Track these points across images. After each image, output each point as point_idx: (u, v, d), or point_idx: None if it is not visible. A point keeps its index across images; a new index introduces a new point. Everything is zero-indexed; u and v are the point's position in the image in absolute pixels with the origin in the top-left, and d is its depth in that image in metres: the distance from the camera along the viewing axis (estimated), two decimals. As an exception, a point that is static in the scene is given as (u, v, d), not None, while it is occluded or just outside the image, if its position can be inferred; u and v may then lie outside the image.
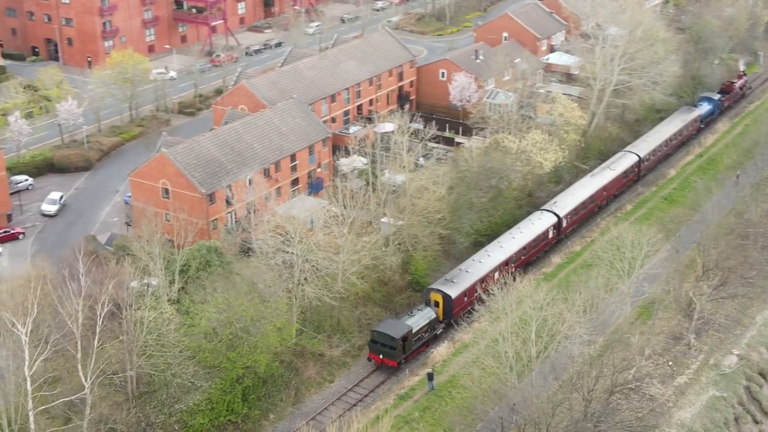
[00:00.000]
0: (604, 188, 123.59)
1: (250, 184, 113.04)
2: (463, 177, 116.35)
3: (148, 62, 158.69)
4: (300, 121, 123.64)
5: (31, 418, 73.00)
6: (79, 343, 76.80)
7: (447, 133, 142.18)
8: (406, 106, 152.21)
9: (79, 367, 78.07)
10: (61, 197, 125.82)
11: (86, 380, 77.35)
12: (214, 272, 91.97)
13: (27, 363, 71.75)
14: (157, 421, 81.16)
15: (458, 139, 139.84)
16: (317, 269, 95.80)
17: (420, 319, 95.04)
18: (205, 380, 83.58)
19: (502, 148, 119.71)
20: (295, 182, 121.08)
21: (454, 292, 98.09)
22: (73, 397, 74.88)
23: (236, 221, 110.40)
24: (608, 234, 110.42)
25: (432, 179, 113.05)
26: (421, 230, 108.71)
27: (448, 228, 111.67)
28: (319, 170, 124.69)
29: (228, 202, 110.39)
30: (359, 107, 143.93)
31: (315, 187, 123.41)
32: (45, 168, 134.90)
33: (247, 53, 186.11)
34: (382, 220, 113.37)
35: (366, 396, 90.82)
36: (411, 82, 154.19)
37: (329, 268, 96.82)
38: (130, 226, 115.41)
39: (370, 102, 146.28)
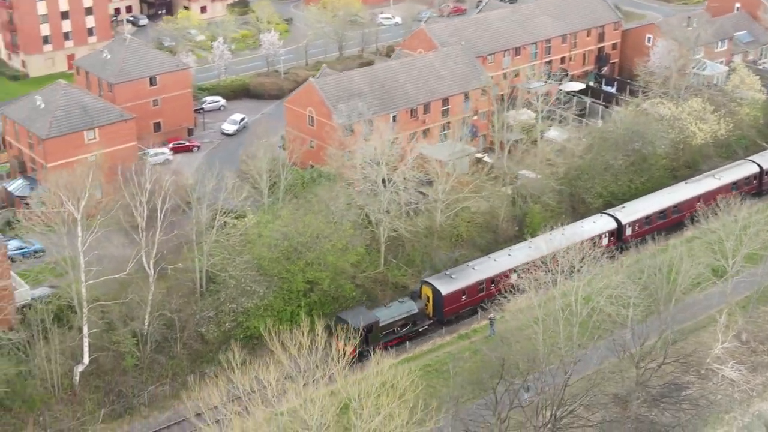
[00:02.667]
0: (699, 198, 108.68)
1: (394, 121, 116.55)
2: (605, 138, 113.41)
3: (359, 4, 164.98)
4: (463, 67, 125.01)
5: (84, 289, 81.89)
6: (143, 232, 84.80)
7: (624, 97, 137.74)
8: (605, 69, 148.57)
9: (143, 254, 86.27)
10: (242, 119, 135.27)
11: (149, 268, 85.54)
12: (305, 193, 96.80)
13: (80, 239, 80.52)
14: (217, 316, 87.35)
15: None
16: (410, 203, 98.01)
17: (395, 311, 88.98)
18: (265, 287, 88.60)
19: (653, 113, 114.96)
20: (446, 127, 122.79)
21: (446, 289, 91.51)
22: (119, 275, 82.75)
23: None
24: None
25: (577, 137, 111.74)
26: (545, 184, 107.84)
27: (577, 186, 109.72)
28: (475, 118, 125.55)
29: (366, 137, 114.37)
30: (548, 63, 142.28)
31: (468, 133, 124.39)
32: (241, 92, 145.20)
33: (477, 6, 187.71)
34: (521, 172, 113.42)
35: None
36: (614, 44, 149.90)
37: (427, 203, 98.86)
38: (283, 149, 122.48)
39: (562, 60, 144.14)
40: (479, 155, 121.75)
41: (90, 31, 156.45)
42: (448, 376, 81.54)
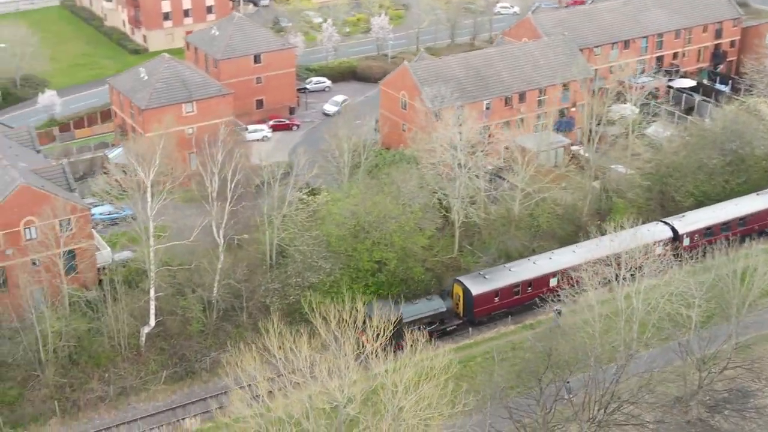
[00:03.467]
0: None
1: (487, 108, 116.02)
2: (702, 135, 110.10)
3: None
4: (563, 58, 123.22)
5: (151, 253, 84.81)
6: (213, 202, 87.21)
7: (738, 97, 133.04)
8: (721, 66, 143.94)
9: (213, 224, 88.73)
10: (344, 101, 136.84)
11: (219, 237, 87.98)
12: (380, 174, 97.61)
13: (149, 205, 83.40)
14: (282, 289, 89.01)
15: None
16: (486, 190, 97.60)
17: (421, 308, 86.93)
18: (331, 264, 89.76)
19: (754, 113, 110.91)
20: (542, 117, 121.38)
21: (477, 289, 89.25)
22: (185, 242, 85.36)
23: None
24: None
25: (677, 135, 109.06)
26: (632, 180, 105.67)
27: (668, 184, 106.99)
28: (573, 109, 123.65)
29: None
30: (659, 58, 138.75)
31: (564, 125, 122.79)
32: (348, 75, 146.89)
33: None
34: (613, 166, 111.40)
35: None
36: (732, 41, 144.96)
37: (504, 191, 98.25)
38: (377, 132, 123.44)
39: (674, 55, 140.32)
40: (575, 147, 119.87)
41: (209, 9, 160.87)
42: (504, 364, 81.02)
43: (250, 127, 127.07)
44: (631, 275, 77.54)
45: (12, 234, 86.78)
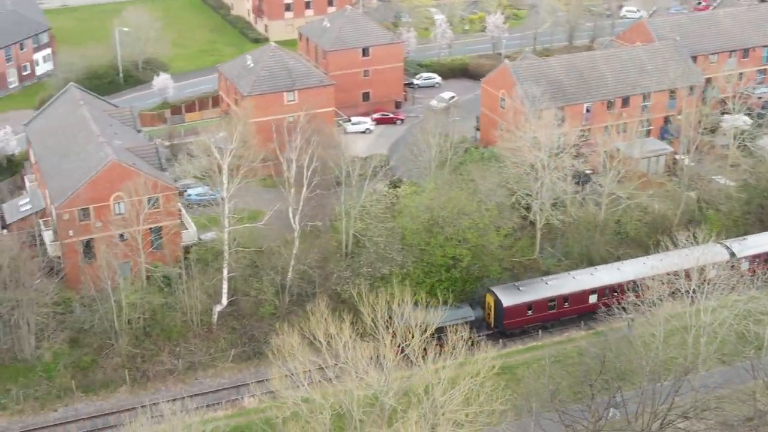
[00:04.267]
0: None
1: (587, 111, 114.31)
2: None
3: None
4: (672, 63, 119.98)
5: (226, 235, 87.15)
6: (290, 189, 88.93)
7: None
8: None
9: (290, 210, 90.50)
10: (452, 97, 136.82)
11: (294, 223, 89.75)
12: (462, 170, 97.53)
13: (225, 186, 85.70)
14: (353, 278, 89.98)
15: None
16: (570, 192, 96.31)
17: (447, 316, 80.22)
18: (403, 256, 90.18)
19: None
20: (645, 123, 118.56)
21: (509, 301, 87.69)
22: (256, 224, 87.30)
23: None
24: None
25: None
26: (728, 192, 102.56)
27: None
28: (678, 117, 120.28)
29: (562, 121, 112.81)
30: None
31: (669, 132, 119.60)
32: (459, 72, 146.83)
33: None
34: (714, 177, 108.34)
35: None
36: None
37: (586, 194, 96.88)
38: (478, 130, 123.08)
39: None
40: (678, 156, 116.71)
41: (330, 2, 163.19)
42: (569, 369, 79.97)
43: (353, 119, 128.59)
44: (698, 290, 75.18)
45: (102, 208, 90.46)
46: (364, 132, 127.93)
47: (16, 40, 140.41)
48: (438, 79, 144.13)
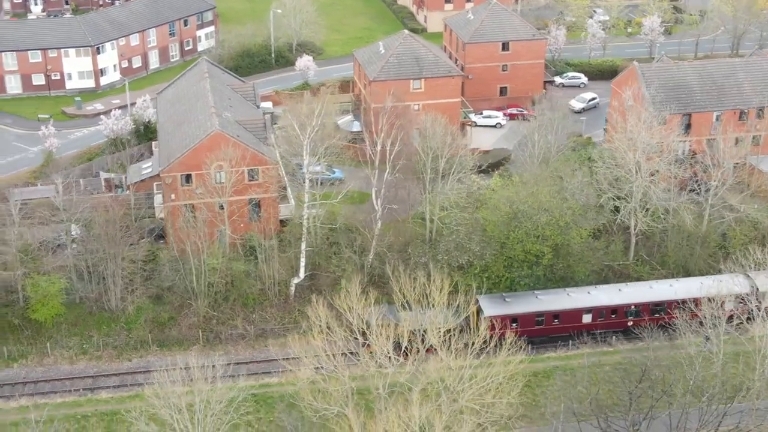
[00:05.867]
0: None
1: (717, 120, 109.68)
2: None
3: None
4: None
5: (305, 210, 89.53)
6: (373, 174, 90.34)
7: None
8: None
9: (373, 192, 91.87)
10: (593, 99, 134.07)
11: (377, 205, 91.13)
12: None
13: (305, 163, 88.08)
14: (429, 264, 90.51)
15: None
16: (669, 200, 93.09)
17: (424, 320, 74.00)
18: (482, 247, 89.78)
19: None
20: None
21: (491, 311, 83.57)
22: (329, 202, 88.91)
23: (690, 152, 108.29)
24: None
25: None
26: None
27: None
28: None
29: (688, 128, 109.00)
30: None
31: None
32: (608, 74, 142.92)
33: None
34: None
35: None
36: None
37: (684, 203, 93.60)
38: (606, 131, 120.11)
39: None
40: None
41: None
42: (608, 376, 77.74)
43: (485, 113, 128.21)
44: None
45: (202, 175, 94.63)
46: (494, 126, 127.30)
47: (181, 17, 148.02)
48: (584, 79, 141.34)
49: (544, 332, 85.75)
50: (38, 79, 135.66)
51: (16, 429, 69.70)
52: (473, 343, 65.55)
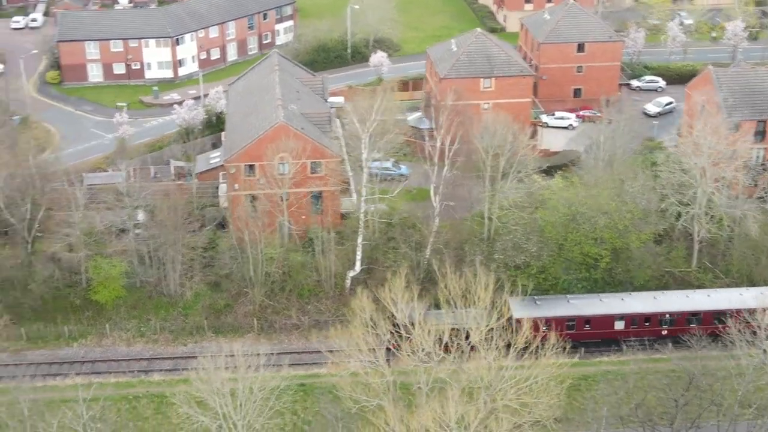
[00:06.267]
0: None
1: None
2: None
3: None
4: None
5: (362, 203, 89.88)
6: (433, 170, 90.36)
7: None
8: None
9: (431, 188, 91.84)
10: (669, 103, 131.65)
11: (435, 202, 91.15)
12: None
13: (364, 156, 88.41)
14: (484, 262, 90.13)
15: None
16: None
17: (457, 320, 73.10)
18: (539, 247, 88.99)
19: None
20: None
21: (521, 313, 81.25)
22: (388, 196, 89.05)
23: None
24: None
25: None
26: None
27: None
28: None
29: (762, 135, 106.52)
30: None
31: None
32: (687, 78, 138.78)
33: None
34: None
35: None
36: None
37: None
38: (679, 135, 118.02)
39: None
40: None
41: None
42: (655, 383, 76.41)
43: (557, 114, 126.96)
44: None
45: (266, 166, 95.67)
46: (566, 128, 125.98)
47: (261, 10, 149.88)
48: (661, 83, 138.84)
49: (575, 337, 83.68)
50: (119, 69, 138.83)
51: (65, 405, 71.43)
52: (513, 344, 65.06)
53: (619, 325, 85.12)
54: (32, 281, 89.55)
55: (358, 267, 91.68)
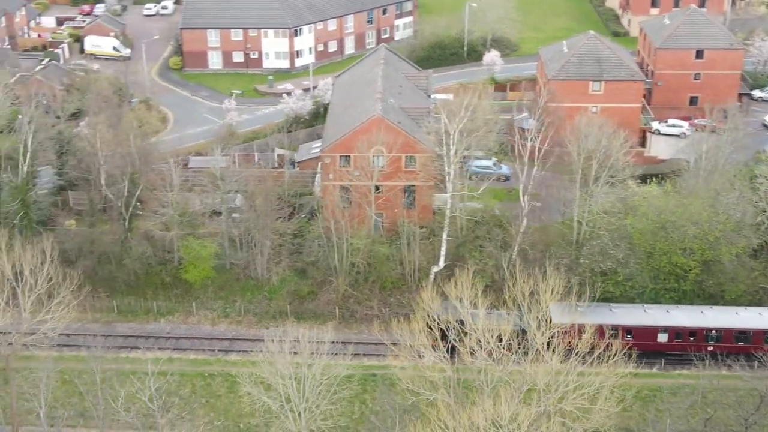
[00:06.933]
0: None
1: None
2: None
3: None
4: None
5: (448, 201, 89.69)
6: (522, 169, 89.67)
7: None
8: None
9: (521, 188, 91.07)
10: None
11: (523, 202, 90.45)
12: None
13: (452, 152, 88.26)
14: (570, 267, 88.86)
15: None
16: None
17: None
18: (625, 254, 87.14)
19: None
20: None
21: (558, 320, 72.51)
22: (473, 193, 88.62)
23: None
24: None
25: None
26: None
27: None
28: None
29: None
30: None
31: None
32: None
33: None
34: None
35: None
36: None
37: None
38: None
39: None
40: None
41: (701, 3, 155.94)
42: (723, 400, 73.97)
43: (670, 121, 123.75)
44: None
45: (360, 158, 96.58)
46: (678, 136, 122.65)
47: (380, 5, 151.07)
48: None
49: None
50: (238, 57, 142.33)
51: (135, 377, 73.94)
52: (575, 349, 64.02)
53: (662, 338, 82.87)
54: (127, 257, 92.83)
55: (441, 263, 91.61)
